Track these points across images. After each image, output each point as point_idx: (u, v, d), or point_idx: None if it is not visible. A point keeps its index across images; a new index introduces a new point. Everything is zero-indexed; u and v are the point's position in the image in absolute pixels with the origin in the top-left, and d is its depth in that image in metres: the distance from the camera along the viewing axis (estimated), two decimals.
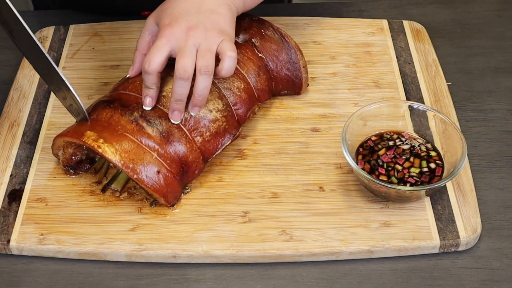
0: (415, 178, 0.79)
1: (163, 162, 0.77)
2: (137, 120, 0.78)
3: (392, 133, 0.84)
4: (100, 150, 0.75)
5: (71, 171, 0.83)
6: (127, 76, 0.83)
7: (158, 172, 0.76)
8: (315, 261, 0.77)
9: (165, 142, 0.78)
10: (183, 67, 0.75)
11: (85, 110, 0.80)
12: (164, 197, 0.78)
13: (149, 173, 0.76)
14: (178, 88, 0.76)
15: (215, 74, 0.77)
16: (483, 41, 1.03)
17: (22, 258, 0.78)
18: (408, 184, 0.78)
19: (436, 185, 0.77)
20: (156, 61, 0.76)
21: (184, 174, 0.79)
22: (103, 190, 0.81)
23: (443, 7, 1.09)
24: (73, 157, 0.82)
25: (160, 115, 0.79)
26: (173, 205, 0.80)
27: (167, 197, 0.78)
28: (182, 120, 0.79)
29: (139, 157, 0.76)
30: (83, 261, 0.77)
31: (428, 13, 1.08)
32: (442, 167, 0.81)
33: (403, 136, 0.84)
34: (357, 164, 0.80)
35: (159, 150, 0.77)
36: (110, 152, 0.75)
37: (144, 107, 0.79)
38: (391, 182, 0.79)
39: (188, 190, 0.82)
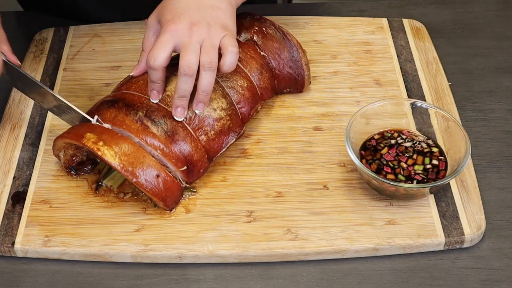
0: (421, 175, 0.79)
1: (165, 163, 0.77)
2: (142, 120, 0.77)
3: (392, 132, 0.85)
4: (99, 153, 0.75)
5: (72, 172, 0.82)
6: (131, 75, 0.83)
7: (158, 176, 0.76)
8: (316, 260, 0.77)
9: (170, 141, 0.78)
10: (188, 63, 0.76)
11: (88, 117, 0.80)
12: (163, 201, 0.77)
13: (148, 177, 0.76)
14: (182, 84, 0.77)
15: (217, 70, 0.78)
16: (483, 41, 1.03)
17: (23, 259, 0.78)
18: (415, 181, 0.79)
19: (442, 182, 0.77)
20: (161, 57, 0.77)
21: (190, 173, 0.79)
22: (97, 188, 0.81)
23: (443, 7, 1.09)
24: (73, 158, 0.81)
25: (165, 115, 0.78)
26: (171, 209, 0.79)
27: (166, 201, 0.78)
28: (186, 119, 0.79)
29: (138, 161, 0.76)
30: (83, 261, 0.77)
31: (428, 13, 1.08)
32: (446, 161, 0.81)
33: (403, 134, 0.84)
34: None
35: (164, 149, 0.77)
36: (110, 155, 0.75)
37: (151, 100, 0.79)
38: (399, 180, 0.79)
39: (195, 192, 0.81)
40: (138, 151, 0.76)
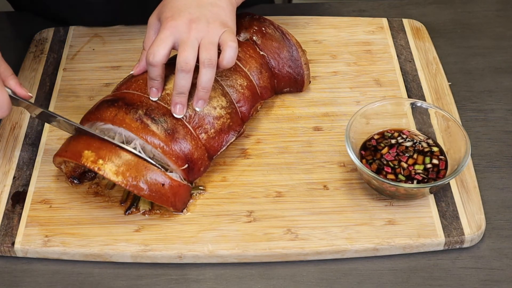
0: (421, 175, 0.80)
1: (166, 161, 0.77)
2: (141, 118, 0.77)
3: (392, 131, 0.85)
4: (101, 173, 0.74)
5: (75, 181, 0.82)
6: (131, 73, 0.83)
7: (163, 184, 0.76)
8: (315, 260, 0.77)
9: (170, 139, 0.77)
10: (185, 59, 0.76)
11: (83, 127, 0.79)
12: (173, 207, 0.78)
13: (154, 187, 0.75)
14: (180, 80, 0.77)
15: (217, 66, 0.78)
16: (483, 41, 1.03)
17: (23, 259, 0.78)
18: (415, 181, 0.79)
19: (442, 182, 0.77)
20: (160, 53, 0.77)
21: (190, 172, 0.79)
22: (126, 212, 0.79)
23: (443, 7, 1.09)
24: (75, 170, 0.81)
25: (165, 113, 0.78)
26: (182, 211, 0.79)
27: (176, 206, 0.78)
28: (186, 117, 0.79)
29: (141, 173, 0.75)
30: (83, 261, 0.77)
31: (428, 13, 1.08)
32: (446, 161, 0.81)
33: (403, 134, 0.84)
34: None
35: (165, 147, 0.77)
36: (111, 173, 0.74)
37: (151, 98, 0.79)
38: (399, 180, 0.79)
39: (203, 189, 0.81)
40: (138, 163, 0.76)
